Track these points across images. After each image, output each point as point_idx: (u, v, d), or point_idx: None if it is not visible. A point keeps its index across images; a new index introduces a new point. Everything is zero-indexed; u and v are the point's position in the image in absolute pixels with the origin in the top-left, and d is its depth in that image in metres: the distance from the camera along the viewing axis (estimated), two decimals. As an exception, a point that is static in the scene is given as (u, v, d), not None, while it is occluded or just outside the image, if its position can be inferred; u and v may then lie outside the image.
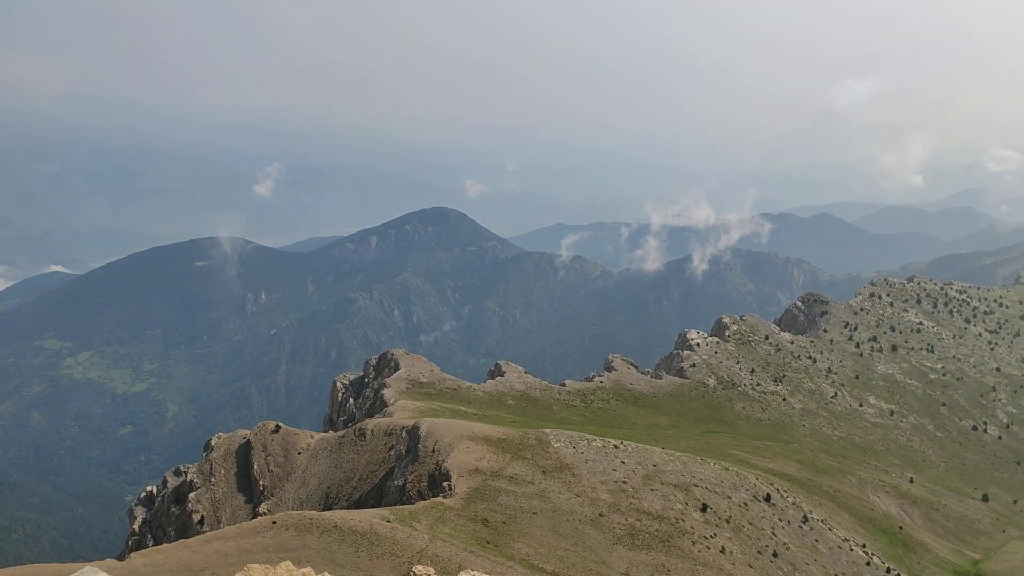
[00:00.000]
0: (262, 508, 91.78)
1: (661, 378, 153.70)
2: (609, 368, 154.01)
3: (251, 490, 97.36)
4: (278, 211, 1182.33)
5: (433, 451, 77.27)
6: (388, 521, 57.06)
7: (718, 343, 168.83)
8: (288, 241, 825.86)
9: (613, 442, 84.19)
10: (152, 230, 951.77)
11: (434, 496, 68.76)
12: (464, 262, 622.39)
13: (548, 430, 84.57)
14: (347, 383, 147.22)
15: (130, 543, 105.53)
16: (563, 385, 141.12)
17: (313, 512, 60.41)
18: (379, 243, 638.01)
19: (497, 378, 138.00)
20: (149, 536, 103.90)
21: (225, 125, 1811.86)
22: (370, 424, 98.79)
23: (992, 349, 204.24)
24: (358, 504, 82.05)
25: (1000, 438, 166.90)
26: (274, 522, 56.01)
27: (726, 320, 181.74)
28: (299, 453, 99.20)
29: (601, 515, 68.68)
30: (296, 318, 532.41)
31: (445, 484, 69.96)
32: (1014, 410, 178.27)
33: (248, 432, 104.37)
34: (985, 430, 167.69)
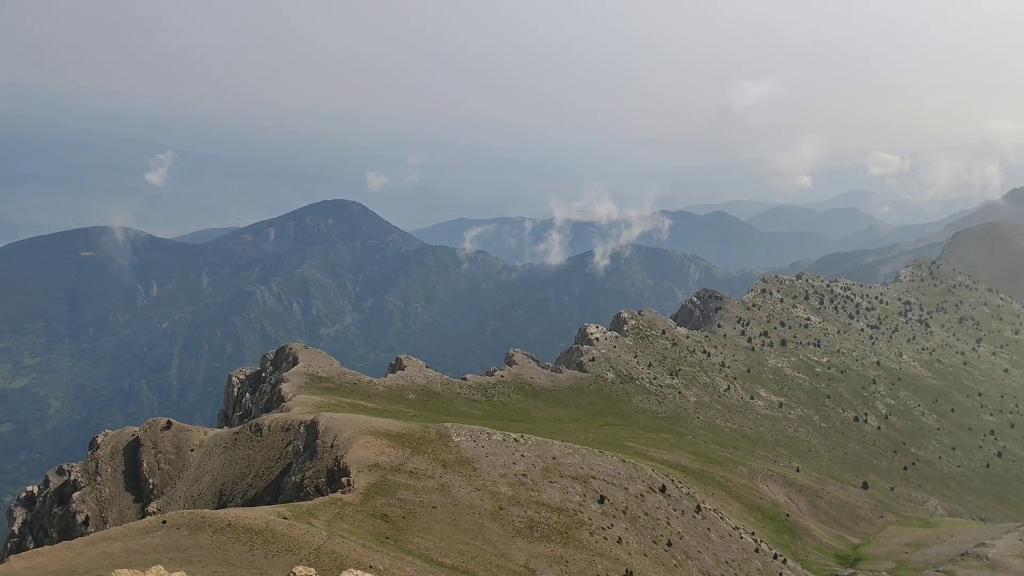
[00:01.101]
0: (152, 507, 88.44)
1: (561, 372, 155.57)
2: (510, 362, 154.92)
3: (140, 489, 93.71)
4: (172, 201, 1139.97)
5: (332, 446, 76.06)
6: (284, 518, 55.84)
7: (617, 337, 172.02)
8: (182, 232, 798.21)
9: (513, 435, 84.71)
10: (34, 218, 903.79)
11: (333, 492, 67.71)
12: (365, 255, 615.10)
13: (449, 424, 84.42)
14: (243, 378, 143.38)
15: (9, 545, 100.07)
16: (464, 379, 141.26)
17: (206, 510, 58.53)
18: (278, 235, 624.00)
19: (398, 372, 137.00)
20: (30, 538, 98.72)
21: (115, 112, 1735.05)
22: (267, 419, 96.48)
23: (873, 344, 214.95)
24: (253, 502, 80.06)
25: (879, 428, 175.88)
26: (164, 521, 54.01)
27: (625, 315, 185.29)
28: (191, 450, 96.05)
29: (501, 508, 69.03)
30: (190, 311, 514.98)
31: (344, 479, 68.96)
32: (892, 401, 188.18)
33: (137, 429, 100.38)
34: (866, 420, 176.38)
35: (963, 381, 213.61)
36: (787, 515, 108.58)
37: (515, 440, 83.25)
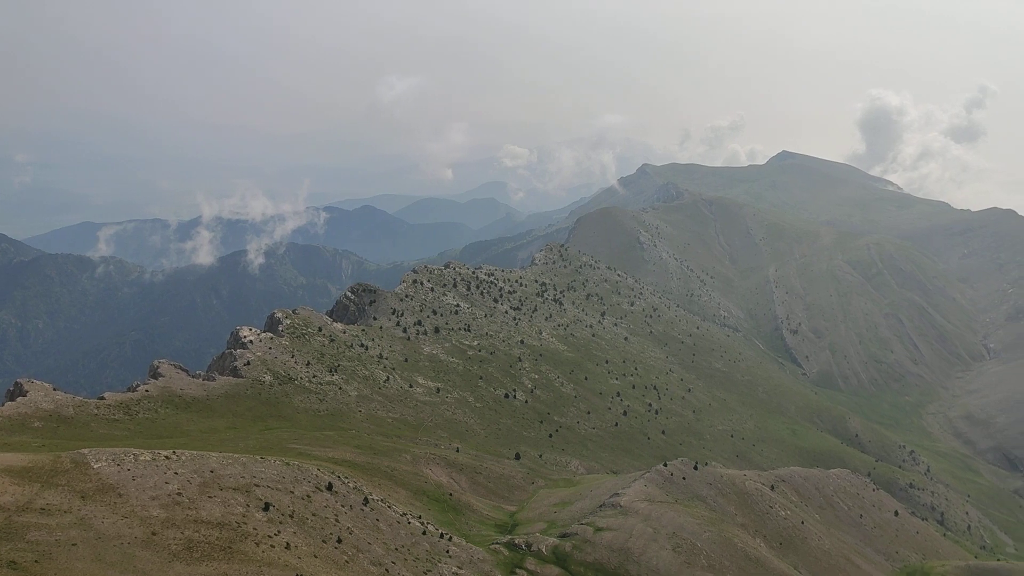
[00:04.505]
0: None
1: (214, 380, 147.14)
2: (155, 375, 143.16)
3: None
4: None
5: (-65, 494, 64.45)
6: None
7: (272, 338, 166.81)
8: None
9: (164, 453, 78.34)
10: None
11: (-60, 548, 57.39)
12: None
13: (86, 450, 75.71)
14: None
15: None
16: (102, 398, 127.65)
17: None
18: None
19: (18, 399, 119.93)
20: None
21: None
22: None
23: (516, 324, 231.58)
24: None
25: (527, 402, 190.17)
26: None
27: (279, 315, 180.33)
28: None
29: (154, 533, 63.47)
30: None
31: (-46, 531, 58.76)
32: (536, 376, 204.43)
33: None
34: (515, 396, 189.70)
35: (593, 351, 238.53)
36: (450, 494, 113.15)
37: (166, 458, 77.10)
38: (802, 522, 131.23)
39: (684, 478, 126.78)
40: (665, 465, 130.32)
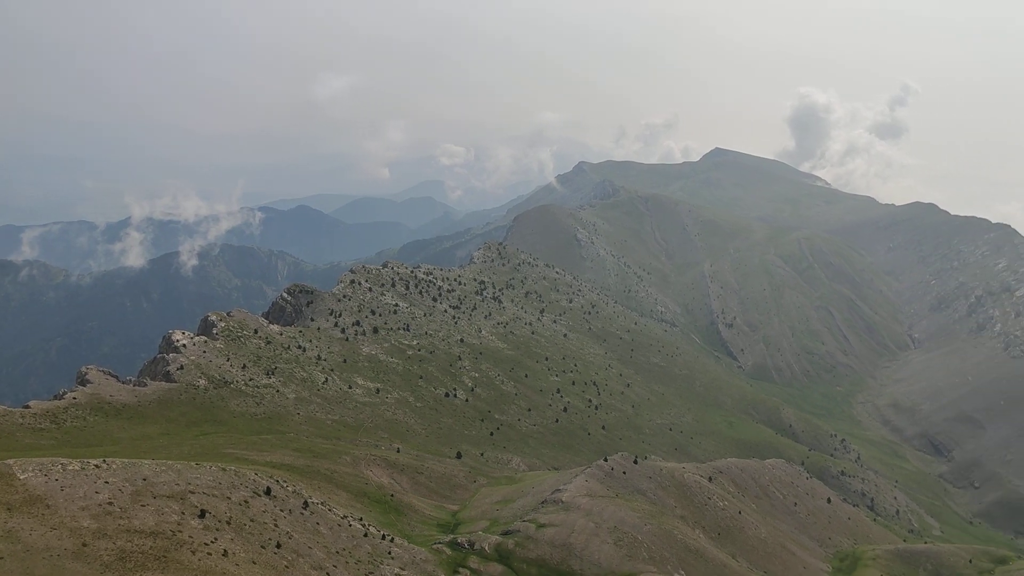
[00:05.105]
0: None
1: (146, 385, 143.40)
2: (83, 381, 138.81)
3: None
4: None
5: None
6: None
7: (206, 342, 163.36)
8: None
9: (94, 462, 76.05)
10: None
11: None
12: None
13: (12, 461, 73.06)
14: None
15: None
16: (27, 407, 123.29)
17: None
18: None
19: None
20: None
21: None
22: None
23: (456, 323, 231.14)
24: None
25: (467, 400, 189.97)
26: None
27: (213, 317, 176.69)
28: None
29: (85, 544, 61.59)
30: None
31: None
32: (476, 374, 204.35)
33: None
34: (455, 395, 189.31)
35: (533, 349, 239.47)
36: (392, 495, 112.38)
37: (96, 466, 74.86)
38: (739, 512, 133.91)
39: (624, 472, 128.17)
40: (606, 460, 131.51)
